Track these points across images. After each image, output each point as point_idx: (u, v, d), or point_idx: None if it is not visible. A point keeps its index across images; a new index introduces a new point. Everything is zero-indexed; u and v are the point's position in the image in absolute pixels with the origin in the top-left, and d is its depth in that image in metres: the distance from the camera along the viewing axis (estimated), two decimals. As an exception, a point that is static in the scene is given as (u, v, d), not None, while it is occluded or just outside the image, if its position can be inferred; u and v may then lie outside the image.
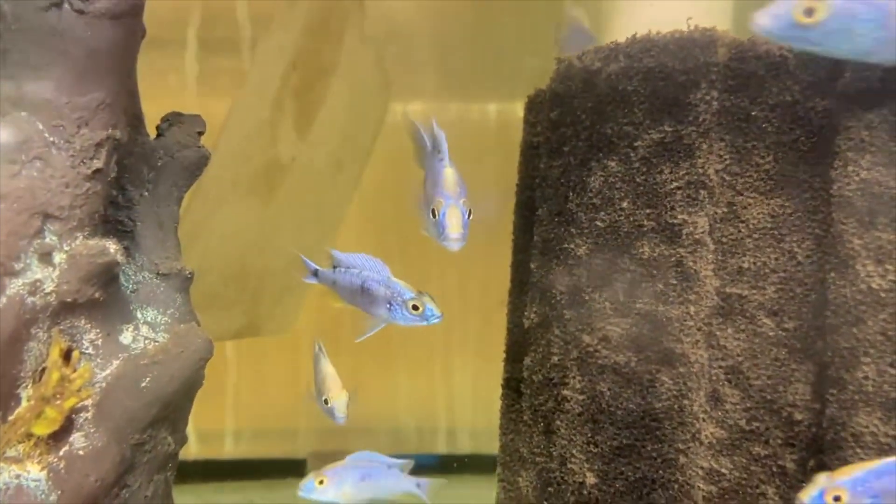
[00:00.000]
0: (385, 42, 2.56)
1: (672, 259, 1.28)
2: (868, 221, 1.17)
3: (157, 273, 1.13)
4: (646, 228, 1.30)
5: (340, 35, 2.42)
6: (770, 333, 1.26)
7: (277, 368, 2.69)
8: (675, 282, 1.27)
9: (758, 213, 1.27)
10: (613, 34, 1.38)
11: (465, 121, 2.78)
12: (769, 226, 1.27)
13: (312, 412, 1.44)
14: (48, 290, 0.95)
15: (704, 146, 1.28)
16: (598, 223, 1.33)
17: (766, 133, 1.27)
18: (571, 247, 1.36)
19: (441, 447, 2.81)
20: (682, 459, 1.25)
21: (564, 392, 1.34)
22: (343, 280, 1.27)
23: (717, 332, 1.28)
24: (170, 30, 2.52)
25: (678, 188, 1.28)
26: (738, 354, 1.27)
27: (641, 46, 1.32)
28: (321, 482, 1.40)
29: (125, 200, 1.12)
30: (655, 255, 1.29)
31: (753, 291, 1.27)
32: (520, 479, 1.45)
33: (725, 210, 1.28)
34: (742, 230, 1.28)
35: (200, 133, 1.19)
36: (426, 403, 2.81)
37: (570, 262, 1.36)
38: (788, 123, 1.26)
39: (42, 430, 0.95)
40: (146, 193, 1.14)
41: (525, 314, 1.47)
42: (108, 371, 1.01)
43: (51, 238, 0.96)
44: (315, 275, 1.31)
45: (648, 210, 1.30)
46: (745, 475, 1.25)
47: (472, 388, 2.77)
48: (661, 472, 1.26)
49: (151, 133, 1.18)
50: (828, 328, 1.20)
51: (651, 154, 1.30)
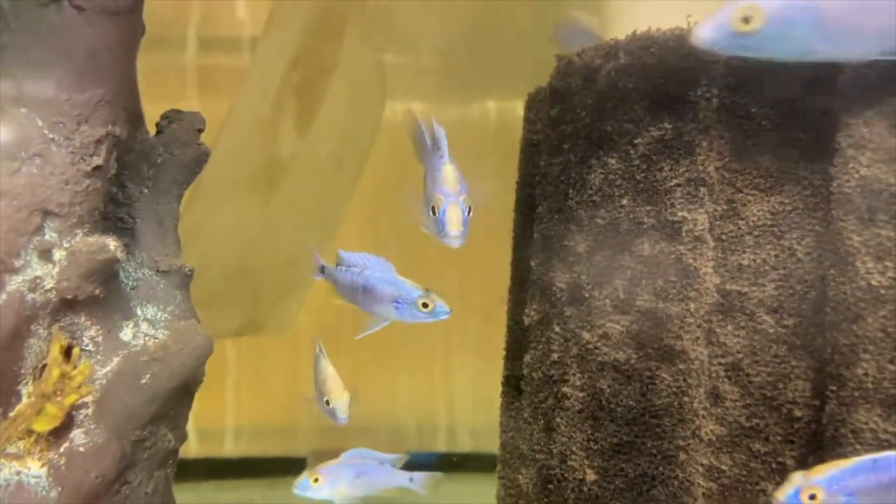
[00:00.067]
0: (385, 41, 2.56)
1: (672, 256, 1.28)
2: (868, 218, 1.16)
3: (157, 270, 1.13)
4: (646, 225, 1.30)
5: (341, 34, 2.42)
6: (770, 330, 1.25)
7: (278, 367, 2.68)
8: (675, 279, 1.27)
9: (758, 210, 1.27)
10: (614, 32, 1.38)
11: (465, 120, 2.78)
12: (769, 223, 1.26)
13: (312, 411, 1.44)
14: (48, 287, 0.95)
15: (704, 143, 1.28)
16: (599, 220, 1.33)
17: (766, 130, 1.27)
18: (571, 244, 1.36)
19: (441, 446, 2.80)
20: (682, 456, 1.26)
21: (564, 389, 1.35)
22: (344, 278, 1.27)
23: (717, 329, 1.28)
24: (170, 28, 2.52)
25: (678, 185, 1.28)
26: (738, 351, 1.27)
27: (641, 43, 1.32)
28: (316, 480, 1.40)
29: (125, 197, 1.12)
30: (655, 253, 1.29)
31: (753, 288, 1.27)
32: (520, 477, 1.45)
33: (725, 207, 1.28)
34: (742, 227, 1.28)
35: (200, 130, 1.19)
36: (426, 402, 2.80)
37: (570, 260, 1.36)
38: (788, 121, 1.26)
39: (42, 427, 0.95)
40: (146, 190, 1.14)
41: (525, 311, 1.47)
42: (109, 368, 1.01)
43: (51, 235, 0.96)
44: (322, 271, 1.32)
45: (648, 207, 1.30)
46: (745, 472, 1.25)
47: (472, 387, 2.77)
48: (661, 469, 1.26)
49: (151, 131, 1.18)
50: (827, 325, 1.20)
51: (651, 151, 1.30)
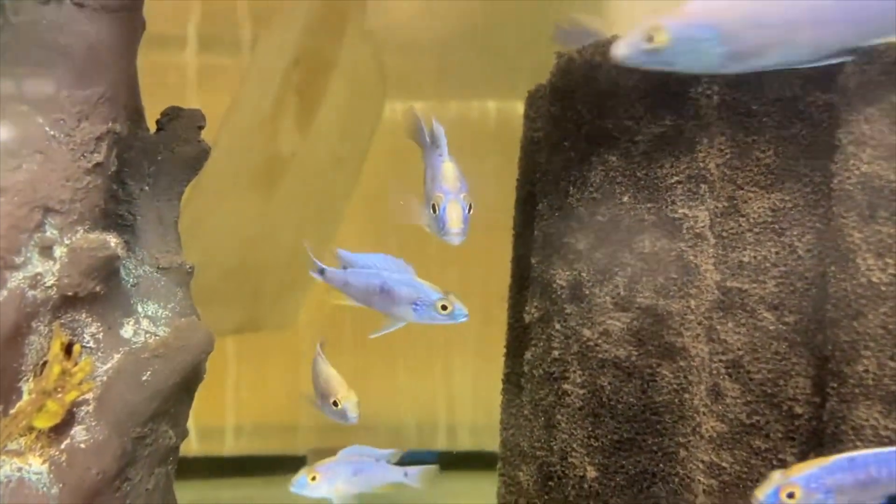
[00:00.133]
0: (385, 39, 2.56)
1: (673, 253, 1.28)
2: (868, 215, 1.17)
3: (158, 267, 1.13)
4: (646, 222, 1.29)
5: (341, 32, 2.42)
6: (770, 327, 1.26)
7: (278, 364, 2.68)
8: (676, 276, 1.27)
9: (758, 207, 1.27)
10: (614, 32, 1.38)
11: (465, 118, 2.77)
12: (770, 220, 1.26)
13: (313, 409, 1.44)
14: (49, 284, 0.96)
15: (705, 140, 1.28)
16: (599, 217, 1.33)
17: (767, 127, 1.27)
18: (572, 241, 1.36)
19: (441, 444, 2.80)
20: (683, 453, 1.26)
21: (565, 386, 1.34)
22: (358, 280, 1.26)
23: (718, 326, 1.28)
24: (170, 26, 2.51)
25: (679, 182, 1.28)
26: (739, 348, 1.27)
27: (642, 41, 1.32)
28: (313, 478, 1.40)
29: (125, 194, 1.13)
30: (656, 249, 1.29)
31: (754, 285, 1.27)
32: (520, 474, 1.45)
33: (726, 204, 1.28)
34: (742, 224, 1.28)
35: (200, 128, 1.19)
36: (426, 400, 2.80)
37: (571, 257, 1.36)
38: (789, 117, 1.26)
39: (43, 424, 0.95)
40: (146, 188, 1.14)
41: (526, 309, 1.46)
42: (109, 364, 1.01)
43: (51, 232, 0.96)
44: (321, 273, 1.31)
45: (649, 204, 1.30)
46: (746, 469, 1.25)
47: (473, 385, 2.76)
48: (662, 466, 1.26)
49: (151, 129, 1.18)
50: (828, 322, 1.20)
51: (652, 148, 1.30)
